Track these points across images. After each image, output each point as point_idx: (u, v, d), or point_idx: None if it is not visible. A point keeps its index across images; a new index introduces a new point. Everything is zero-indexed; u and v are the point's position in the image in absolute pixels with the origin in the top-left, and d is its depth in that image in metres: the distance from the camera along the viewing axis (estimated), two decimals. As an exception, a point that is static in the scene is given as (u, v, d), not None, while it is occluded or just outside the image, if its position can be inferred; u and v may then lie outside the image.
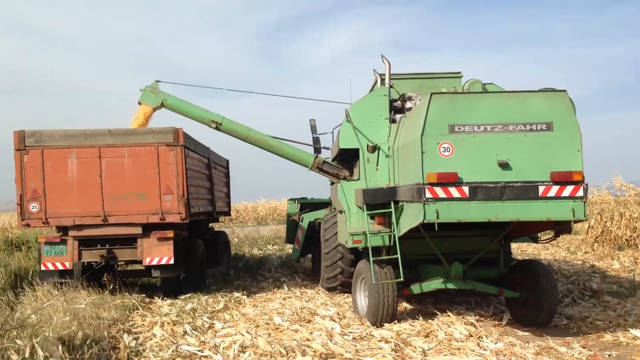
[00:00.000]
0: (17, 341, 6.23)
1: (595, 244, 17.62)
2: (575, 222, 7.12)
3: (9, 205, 14.80)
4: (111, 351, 6.83)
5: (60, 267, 9.84)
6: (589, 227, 18.21)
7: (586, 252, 16.91)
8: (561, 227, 7.67)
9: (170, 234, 9.90)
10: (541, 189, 6.85)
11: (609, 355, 6.69)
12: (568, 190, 6.83)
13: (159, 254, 9.88)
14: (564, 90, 7.04)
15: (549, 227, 7.98)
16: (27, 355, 5.86)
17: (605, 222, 17.69)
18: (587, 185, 6.88)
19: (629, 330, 7.58)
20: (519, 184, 6.86)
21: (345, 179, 9.94)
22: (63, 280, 9.80)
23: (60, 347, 6.18)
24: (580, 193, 6.82)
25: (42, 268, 9.85)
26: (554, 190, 6.84)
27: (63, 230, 10.04)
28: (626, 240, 17.18)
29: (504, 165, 6.87)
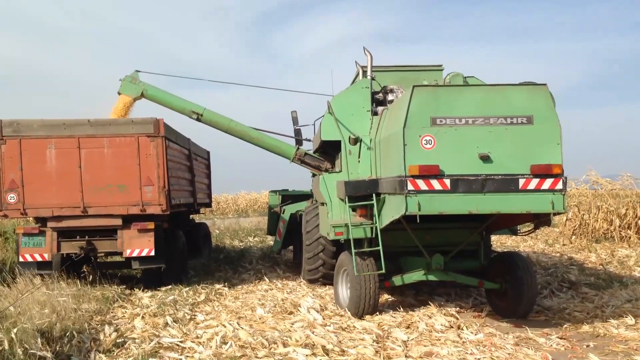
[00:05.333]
0: (-4, 333, 6.15)
1: (573, 237, 17.86)
2: (554, 214, 7.20)
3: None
4: (92, 343, 6.78)
5: (39, 259, 9.73)
6: (566, 220, 18.44)
7: (564, 245, 17.13)
8: (541, 220, 7.75)
9: (150, 225, 9.82)
10: (521, 181, 6.90)
11: (587, 346, 6.79)
12: (548, 183, 6.89)
13: (139, 245, 9.81)
14: (545, 84, 7.10)
15: (528, 220, 8.07)
16: (6, 347, 5.79)
17: (583, 215, 17.91)
18: (566, 178, 6.94)
19: (606, 321, 7.70)
20: (500, 176, 6.90)
21: (327, 171, 9.94)
22: (42, 272, 9.69)
23: (39, 339, 6.12)
24: (559, 186, 6.89)
25: (21, 259, 9.73)
26: (534, 183, 6.90)
27: (42, 221, 9.92)
28: (603, 233, 17.41)
29: (485, 158, 6.91)
